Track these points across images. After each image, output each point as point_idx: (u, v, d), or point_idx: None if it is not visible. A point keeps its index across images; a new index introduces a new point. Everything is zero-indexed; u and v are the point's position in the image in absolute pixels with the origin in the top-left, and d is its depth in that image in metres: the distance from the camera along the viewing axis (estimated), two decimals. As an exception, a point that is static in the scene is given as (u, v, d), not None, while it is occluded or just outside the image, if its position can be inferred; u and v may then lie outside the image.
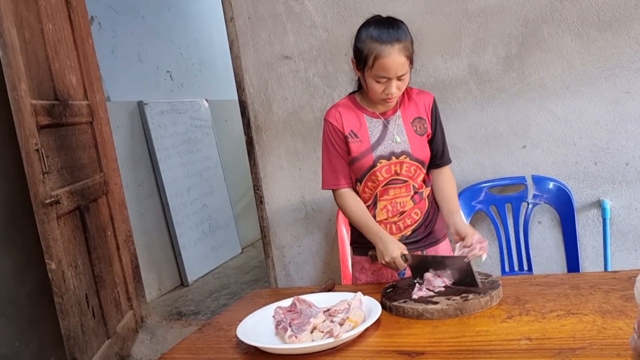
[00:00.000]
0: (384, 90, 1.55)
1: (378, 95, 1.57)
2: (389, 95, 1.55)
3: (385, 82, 1.53)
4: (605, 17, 2.17)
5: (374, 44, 1.50)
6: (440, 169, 1.75)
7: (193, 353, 1.35)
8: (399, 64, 1.50)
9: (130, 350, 3.05)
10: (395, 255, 1.53)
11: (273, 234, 2.86)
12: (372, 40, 1.51)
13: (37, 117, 2.30)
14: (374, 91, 1.57)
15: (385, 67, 1.50)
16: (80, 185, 2.66)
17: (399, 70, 1.51)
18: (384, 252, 1.56)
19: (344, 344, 1.23)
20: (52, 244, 2.30)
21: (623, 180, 2.25)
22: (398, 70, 1.51)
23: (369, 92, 1.60)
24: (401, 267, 1.54)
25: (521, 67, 2.31)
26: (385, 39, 1.49)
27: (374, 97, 1.60)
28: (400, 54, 1.50)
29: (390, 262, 1.55)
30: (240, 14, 2.69)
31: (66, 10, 2.81)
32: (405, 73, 1.53)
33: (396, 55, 1.49)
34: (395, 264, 1.54)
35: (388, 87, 1.54)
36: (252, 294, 1.80)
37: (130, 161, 3.92)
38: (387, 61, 1.49)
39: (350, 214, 1.70)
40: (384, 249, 1.56)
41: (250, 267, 4.61)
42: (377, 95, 1.58)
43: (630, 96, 2.19)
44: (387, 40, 1.49)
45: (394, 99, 1.59)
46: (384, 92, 1.55)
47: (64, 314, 2.33)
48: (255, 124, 2.78)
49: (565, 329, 1.13)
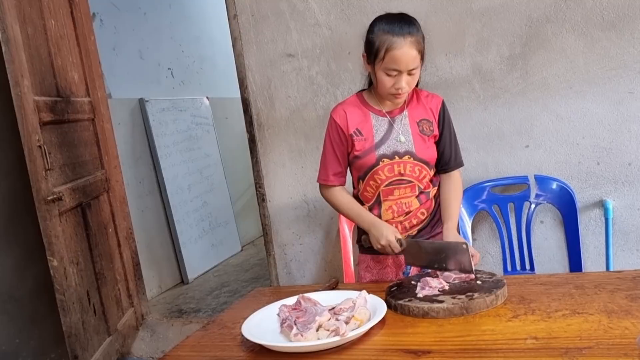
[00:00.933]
0: (393, 84, 1.55)
1: (387, 89, 1.57)
2: (398, 90, 1.55)
3: (395, 76, 1.54)
4: (609, 17, 2.17)
5: (386, 36, 1.51)
6: (448, 173, 1.73)
7: (198, 351, 1.35)
8: (410, 56, 1.51)
9: (131, 348, 3.05)
10: (391, 239, 1.55)
11: (275, 231, 2.86)
12: (384, 32, 1.52)
13: (39, 113, 2.29)
14: (383, 85, 1.57)
15: (397, 59, 1.50)
16: (82, 182, 2.65)
17: (409, 64, 1.51)
18: (378, 236, 1.57)
19: (350, 342, 1.22)
20: (54, 240, 2.30)
21: (626, 180, 2.26)
22: (409, 63, 1.51)
23: (379, 86, 1.59)
24: (396, 250, 1.56)
25: (525, 66, 2.30)
26: (398, 31, 1.50)
27: (383, 92, 1.60)
28: (412, 47, 1.50)
29: (385, 246, 1.56)
30: (244, 11, 2.69)
31: (68, 7, 2.80)
32: (415, 68, 1.53)
33: (408, 48, 1.50)
34: (391, 247, 1.55)
35: (398, 81, 1.54)
36: (255, 292, 1.80)
37: (131, 158, 3.91)
38: (399, 53, 1.50)
39: (340, 206, 1.72)
40: (377, 233, 1.58)
41: (250, 265, 4.61)
42: (386, 90, 1.57)
43: (634, 96, 2.19)
44: (400, 33, 1.50)
45: (403, 95, 1.59)
46: (393, 87, 1.55)
47: (65, 310, 2.33)
48: (257, 121, 2.77)
49: (571, 328, 1.13)
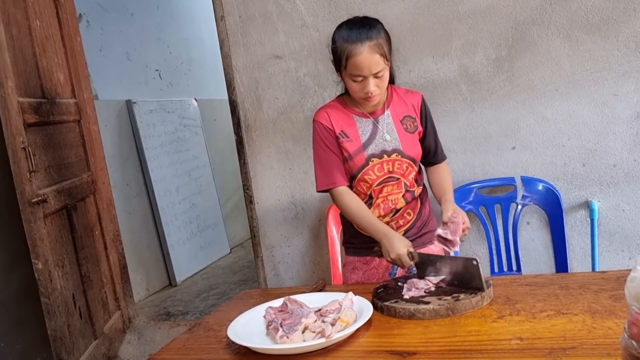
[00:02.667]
0: (362, 89, 1.56)
1: (358, 94, 1.58)
2: (367, 94, 1.56)
3: (362, 81, 1.55)
4: (594, 20, 2.19)
5: (345, 44, 1.52)
6: (436, 165, 1.79)
7: (183, 353, 1.34)
8: (371, 61, 1.51)
9: (118, 351, 3.03)
10: (402, 253, 1.52)
11: (263, 233, 2.85)
12: (343, 41, 1.54)
13: (24, 115, 2.27)
14: (353, 91, 1.59)
15: (358, 65, 1.51)
16: (67, 184, 2.63)
17: (372, 68, 1.52)
18: (389, 249, 1.54)
19: (336, 344, 1.22)
20: (39, 243, 2.27)
21: (611, 181, 2.28)
22: (371, 67, 1.52)
23: (350, 92, 1.62)
24: (407, 265, 1.53)
25: (511, 68, 2.32)
26: (356, 38, 1.51)
27: (355, 97, 1.62)
28: (372, 52, 1.51)
29: (396, 259, 1.53)
30: (231, 13, 2.68)
31: (54, 7, 2.78)
32: (380, 70, 1.53)
33: (367, 53, 1.50)
34: (402, 261, 1.53)
35: (366, 86, 1.55)
36: (242, 294, 1.79)
37: (119, 160, 3.89)
38: (359, 59, 1.50)
39: (351, 213, 1.67)
40: (389, 246, 1.54)
41: (239, 267, 4.60)
42: (357, 95, 1.59)
43: (618, 98, 2.21)
44: (357, 39, 1.51)
45: (375, 97, 1.59)
46: (362, 91, 1.56)
47: (50, 314, 2.31)
48: (245, 123, 2.77)
49: (556, 328, 1.14)
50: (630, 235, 2.29)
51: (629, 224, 2.29)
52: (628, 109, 2.21)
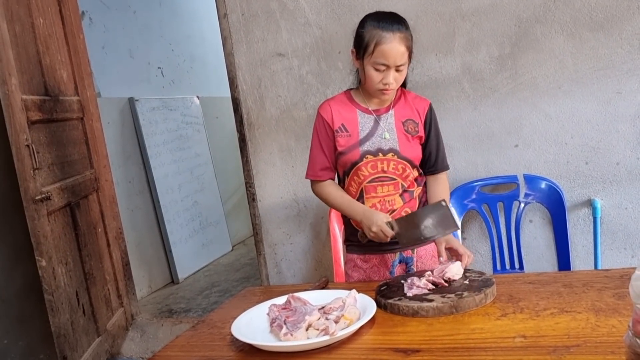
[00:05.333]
0: (381, 79, 1.56)
1: (375, 84, 1.58)
2: (386, 86, 1.57)
3: (383, 71, 1.56)
4: (597, 17, 2.18)
5: (376, 30, 1.54)
6: (435, 175, 1.76)
7: (187, 350, 1.34)
8: (399, 52, 1.53)
9: (121, 348, 3.04)
10: (381, 223, 1.56)
11: (265, 231, 2.86)
12: (374, 27, 1.54)
13: (27, 112, 2.27)
14: (371, 80, 1.58)
15: (386, 53, 1.52)
16: (70, 182, 2.63)
17: (397, 59, 1.53)
18: (369, 224, 1.58)
19: (339, 341, 1.22)
20: (43, 240, 2.28)
21: (613, 179, 2.28)
22: (397, 58, 1.53)
23: (367, 81, 1.61)
24: (389, 234, 1.56)
25: (514, 66, 2.32)
26: (388, 26, 1.53)
27: (371, 88, 1.61)
28: (401, 43, 1.53)
29: (377, 232, 1.57)
30: (234, 10, 2.68)
31: (57, 5, 2.78)
32: (403, 64, 1.55)
33: (397, 43, 1.52)
34: (383, 232, 1.56)
35: (386, 77, 1.56)
36: (245, 292, 1.80)
37: (121, 158, 3.89)
38: (388, 47, 1.52)
39: (330, 199, 1.73)
40: (368, 222, 1.59)
41: (240, 265, 4.60)
42: (374, 85, 1.59)
43: (622, 96, 2.21)
44: (389, 28, 1.53)
45: (390, 92, 1.60)
46: (381, 82, 1.57)
47: (54, 311, 2.31)
48: (248, 121, 2.77)
49: (560, 326, 1.14)
50: (632, 233, 2.29)
51: (632, 222, 2.29)
52: (631, 107, 2.21)
